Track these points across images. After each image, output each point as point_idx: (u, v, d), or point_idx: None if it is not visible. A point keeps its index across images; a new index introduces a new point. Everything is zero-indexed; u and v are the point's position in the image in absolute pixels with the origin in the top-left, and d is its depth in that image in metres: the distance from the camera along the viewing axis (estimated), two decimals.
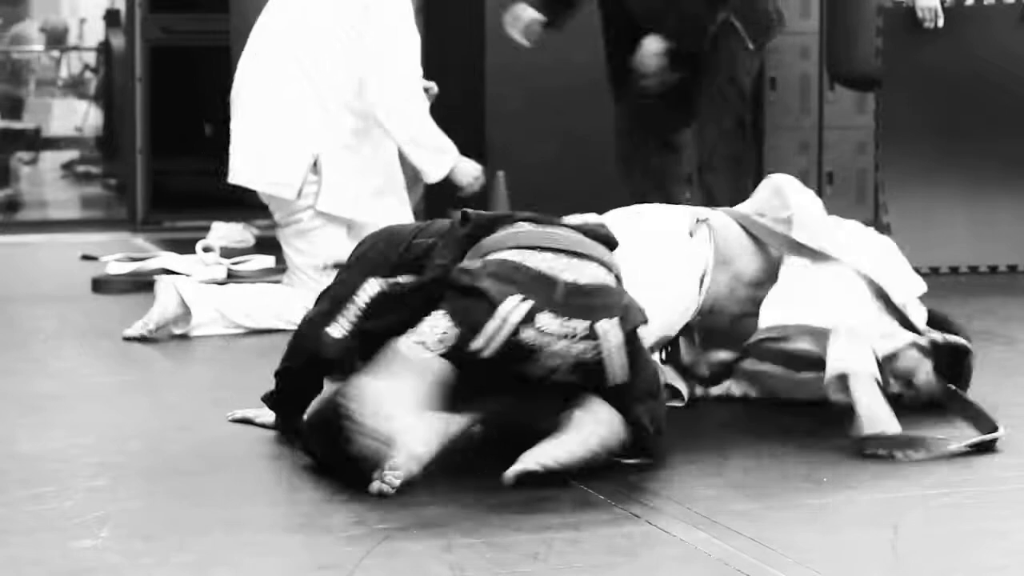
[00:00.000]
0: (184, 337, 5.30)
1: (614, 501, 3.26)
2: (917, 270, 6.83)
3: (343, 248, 5.24)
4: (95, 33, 13.74)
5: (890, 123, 7.06)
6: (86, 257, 7.39)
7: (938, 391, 4.00)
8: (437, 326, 3.45)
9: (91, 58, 14.16)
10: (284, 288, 5.53)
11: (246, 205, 7.81)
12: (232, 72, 7.59)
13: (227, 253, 6.94)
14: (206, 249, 6.57)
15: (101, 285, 6.42)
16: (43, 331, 5.46)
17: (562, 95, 8.08)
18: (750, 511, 3.21)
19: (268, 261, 6.91)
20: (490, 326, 3.42)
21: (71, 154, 14.16)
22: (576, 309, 3.46)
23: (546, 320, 3.44)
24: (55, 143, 14.08)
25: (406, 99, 5.34)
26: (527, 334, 3.43)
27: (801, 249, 4.16)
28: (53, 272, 7.21)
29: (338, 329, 3.63)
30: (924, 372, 4.10)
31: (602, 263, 3.59)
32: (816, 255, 4.14)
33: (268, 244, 7.75)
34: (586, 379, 3.51)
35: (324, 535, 3.03)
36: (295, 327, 3.85)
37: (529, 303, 3.44)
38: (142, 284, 6.39)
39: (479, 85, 7.45)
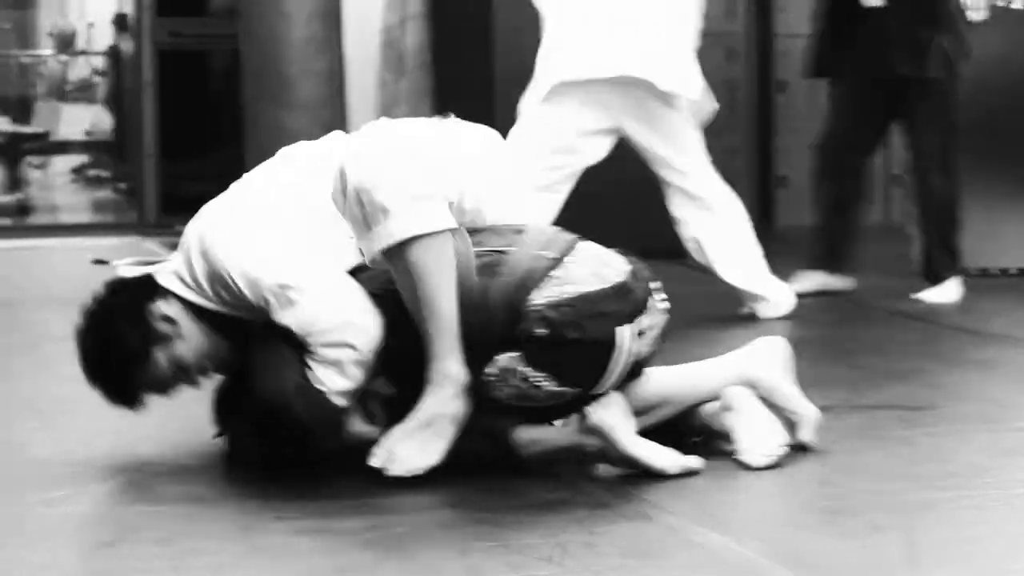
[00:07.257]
0: None
1: (629, 504, 3.25)
2: None
3: None
4: (104, 37, 13.75)
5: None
6: (97, 261, 7.39)
7: None
8: (535, 387, 3.35)
9: (100, 62, 14.17)
10: None
11: None
12: (240, 75, 7.62)
13: None
14: None
15: None
16: (54, 335, 5.44)
17: None
18: (764, 514, 3.20)
19: None
20: (616, 363, 3.40)
21: (81, 158, 14.18)
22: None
23: (645, 320, 3.44)
24: (65, 147, 14.10)
25: None
26: (636, 347, 3.43)
27: None
28: (64, 276, 7.20)
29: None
30: None
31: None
32: None
33: None
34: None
35: (340, 539, 3.02)
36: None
37: (627, 323, 3.40)
38: None
39: (488, 89, 7.45)
